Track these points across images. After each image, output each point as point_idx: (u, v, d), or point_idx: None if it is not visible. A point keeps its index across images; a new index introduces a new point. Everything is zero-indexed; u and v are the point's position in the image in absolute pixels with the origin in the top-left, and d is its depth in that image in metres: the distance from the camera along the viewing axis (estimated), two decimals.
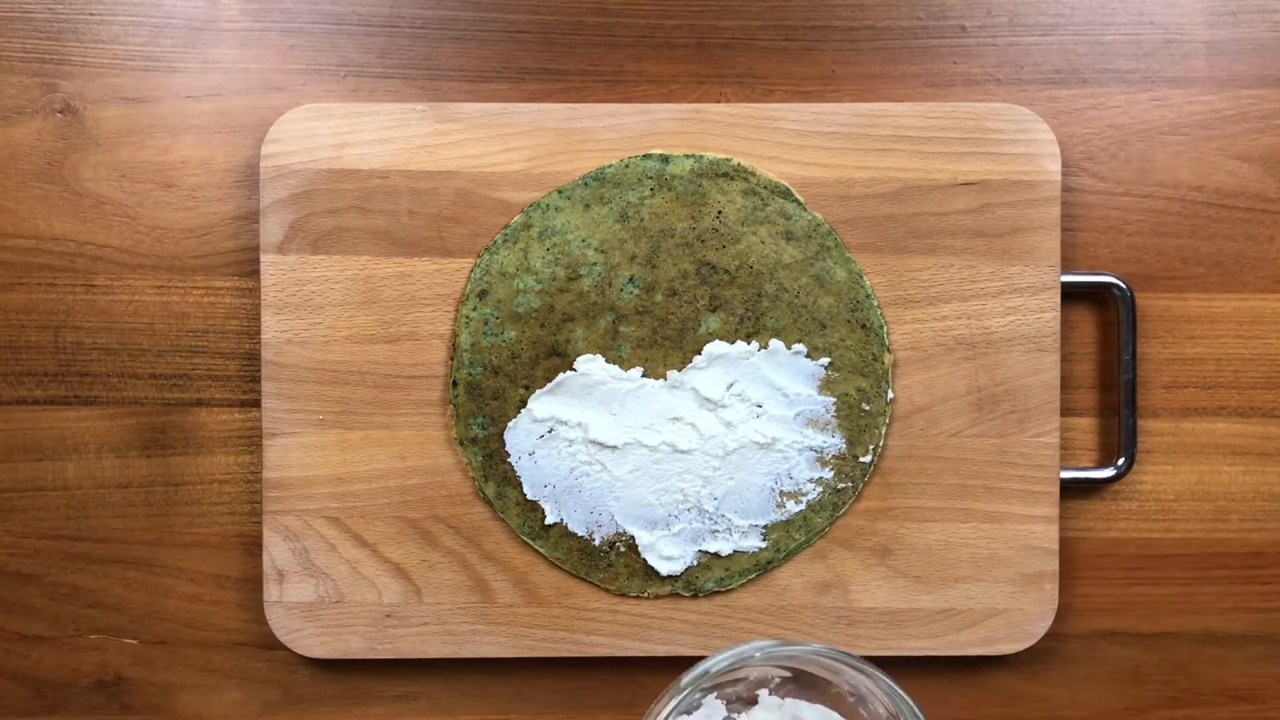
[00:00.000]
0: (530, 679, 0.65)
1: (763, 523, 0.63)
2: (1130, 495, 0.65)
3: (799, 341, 0.63)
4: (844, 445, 0.63)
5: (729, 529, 0.63)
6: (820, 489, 0.63)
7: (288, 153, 0.63)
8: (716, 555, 0.63)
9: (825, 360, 0.63)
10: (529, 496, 0.63)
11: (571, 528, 0.63)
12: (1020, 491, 0.63)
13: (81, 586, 0.65)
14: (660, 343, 0.63)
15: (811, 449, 0.63)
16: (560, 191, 0.63)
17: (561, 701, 0.65)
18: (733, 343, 0.62)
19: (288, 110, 0.63)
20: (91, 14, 0.65)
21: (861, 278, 0.63)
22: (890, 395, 0.63)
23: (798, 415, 0.63)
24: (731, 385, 0.63)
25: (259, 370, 0.64)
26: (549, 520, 0.63)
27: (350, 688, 0.65)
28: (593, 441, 0.63)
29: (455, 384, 0.63)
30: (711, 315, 0.63)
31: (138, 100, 0.65)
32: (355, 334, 0.63)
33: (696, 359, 0.62)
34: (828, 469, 0.63)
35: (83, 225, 0.65)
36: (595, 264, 0.63)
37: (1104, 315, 0.65)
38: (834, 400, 0.63)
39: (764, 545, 0.63)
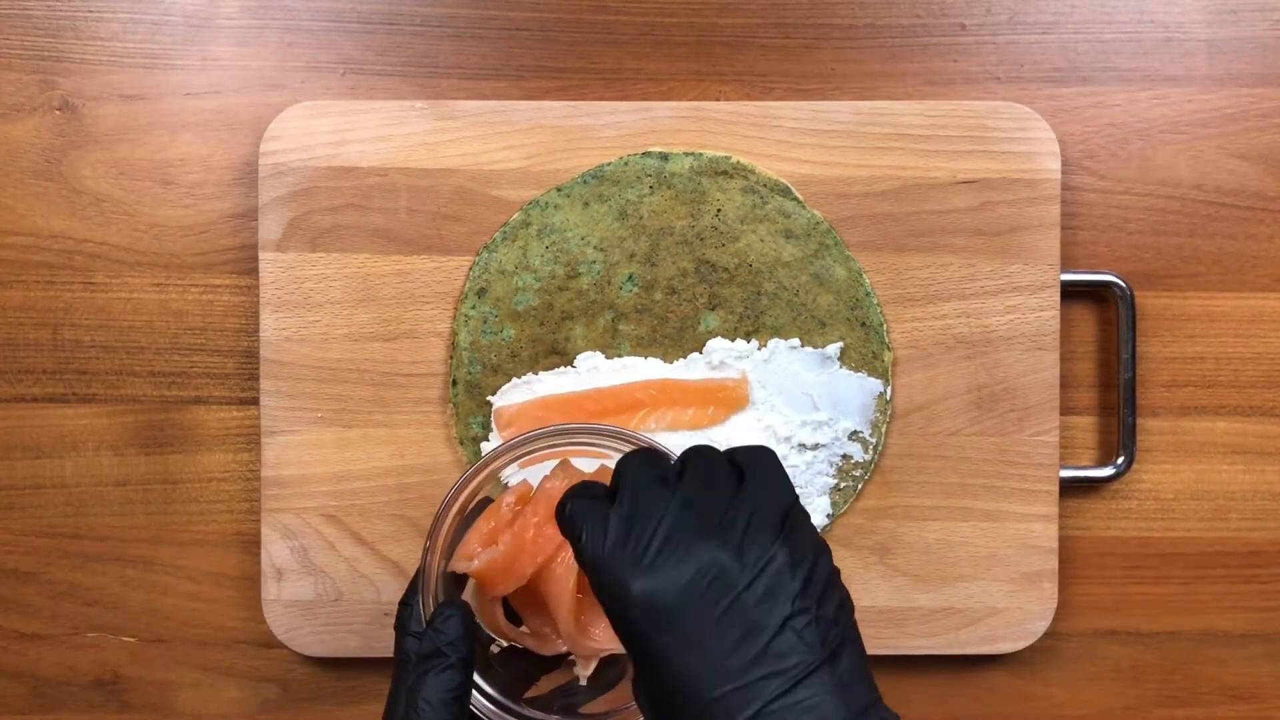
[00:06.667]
0: None
1: None
2: (1130, 494, 0.65)
3: (798, 339, 0.63)
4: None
5: None
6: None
7: (286, 150, 0.62)
8: None
9: None
10: None
11: None
12: (1020, 490, 0.63)
13: (80, 584, 0.65)
14: (660, 341, 0.63)
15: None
16: (559, 189, 0.63)
17: None
18: (732, 340, 0.62)
19: (286, 108, 0.63)
20: (90, 11, 0.65)
21: (861, 276, 0.63)
22: (889, 393, 0.63)
23: None
24: None
25: (257, 368, 0.64)
26: None
27: (348, 686, 0.65)
28: None
29: (455, 382, 0.63)
30: (711, 313, 0.63)
31: (136, 97, 0.64)
32: (354, 332, 0.63)
33: (695, 356, 0.62)
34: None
35: (81, 223, 0.64)
36: (594, 262, 0.63)
37: (1104, 314, 0.65)
38: None
39: None
